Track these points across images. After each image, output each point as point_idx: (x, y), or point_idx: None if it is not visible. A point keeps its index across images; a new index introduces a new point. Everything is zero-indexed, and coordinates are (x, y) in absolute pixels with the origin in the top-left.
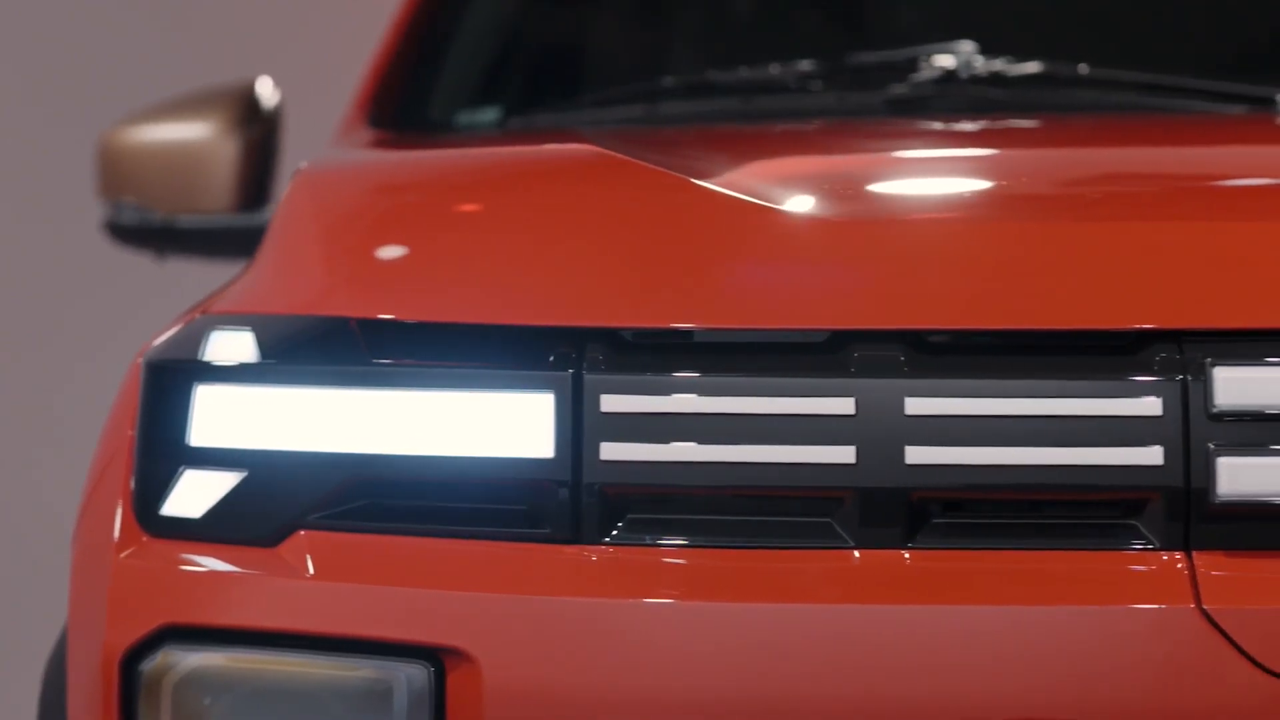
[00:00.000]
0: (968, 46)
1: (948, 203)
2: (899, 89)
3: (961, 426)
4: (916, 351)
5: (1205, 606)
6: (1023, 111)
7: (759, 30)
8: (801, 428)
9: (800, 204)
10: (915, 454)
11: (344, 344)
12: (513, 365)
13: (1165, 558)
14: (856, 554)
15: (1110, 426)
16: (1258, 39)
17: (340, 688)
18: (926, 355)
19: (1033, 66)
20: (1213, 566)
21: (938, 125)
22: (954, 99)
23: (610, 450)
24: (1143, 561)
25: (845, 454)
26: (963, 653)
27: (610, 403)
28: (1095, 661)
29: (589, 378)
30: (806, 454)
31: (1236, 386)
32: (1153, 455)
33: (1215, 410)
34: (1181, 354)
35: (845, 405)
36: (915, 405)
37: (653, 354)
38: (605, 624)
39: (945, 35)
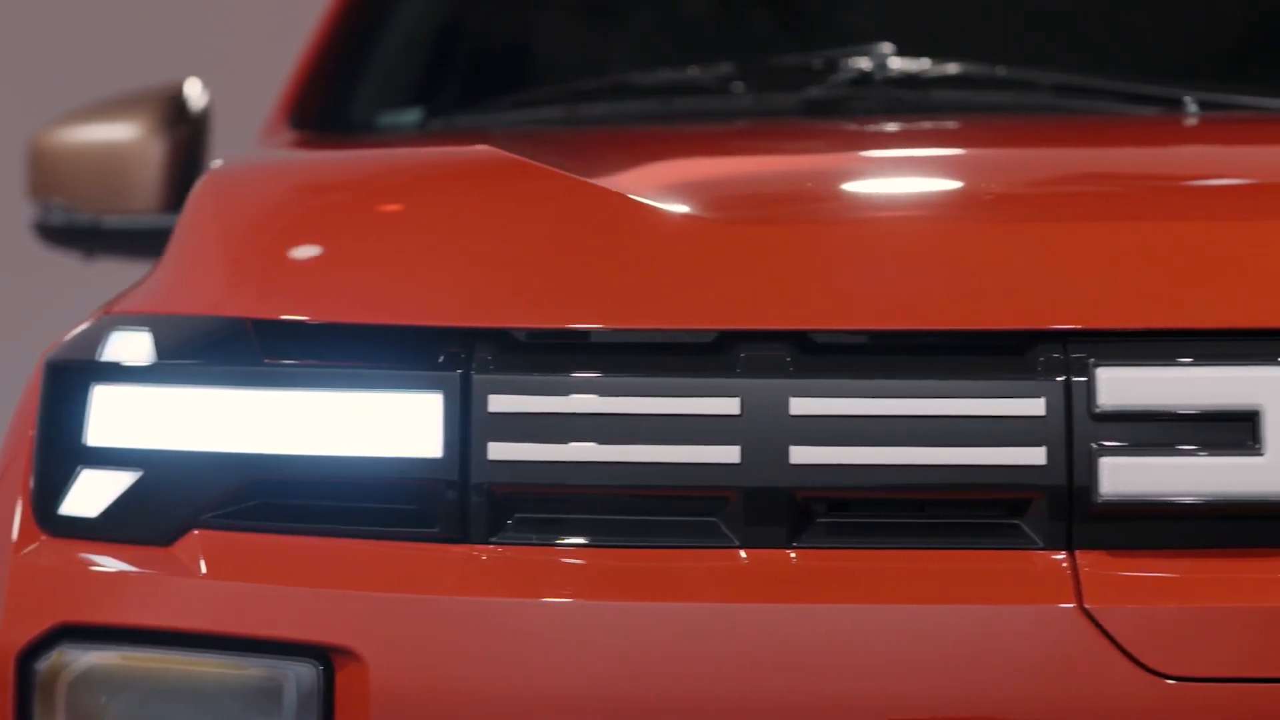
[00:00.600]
0: (886, 48)
1: (837, 204)
2: (815, 91)
3: (846, 426)
4: (802, 352)
5: (1087, 606)
6: (934, 113)
7: (688, 32)
8: (687, 428)
9: (691, 206)
10: (799, 454)
11: (239, 345)
12: (403, 366)
13: (1048, 557)
14: (742, 553)
15: (994, 427)
16: (1175, 41)
17: (232, 686)
18: (812, 356)
19: (947, 68)
20: (1095, 566)
21: (843, 127)
22: (869, 100)
23: (498, 450)
24: (1026, 561)
25: (730, 454)
26: (847, 652)
27: (498, 403)
28: (977, 661)
29: (477, 378)
30: (692, 454)
31: (1120, 387)
32: (1036, 455)
33: (1098, 410)
34: (1066, 354)
35: (730, 405)
36: (800, 405)
37: (542, 354)
38: (491, 623)
39: (876, 37)
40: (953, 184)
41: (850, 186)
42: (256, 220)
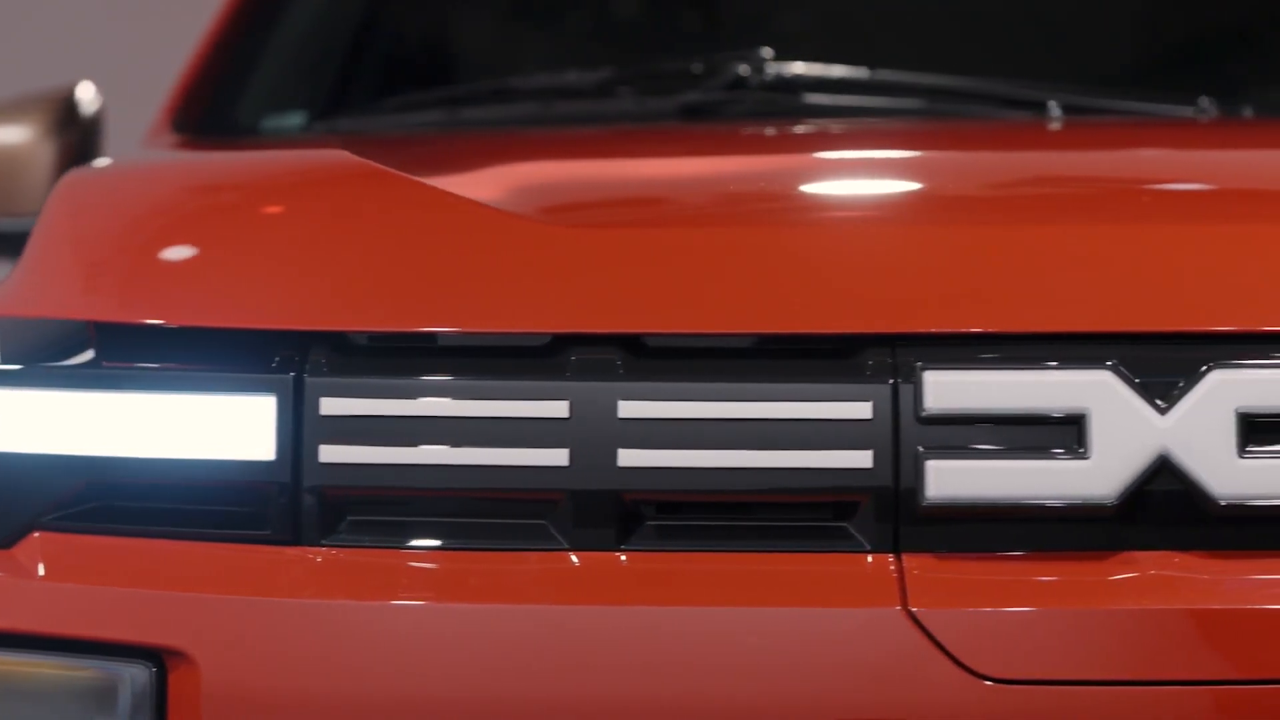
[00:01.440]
0: (766, 53)
1: (676, 208)
2: (692, 95)
3: (674, 430)
4: (634, 355)
5: (911, 608)
6: (807, 117)
7: (577, 36)
8: (516, 430)
9: (532, 209)
10: (627, 457)
11: (80, 347)
12: (239, 368)
13: (874, 560)
14: (572, 556)
15: (821, 430)
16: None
17: (69, 688)
18: (643, 359)
19: (822, 71)
20: (920, 568)
21: (704, 131)
22: (745, 105)
23: (329, 453)
24: (852, 564)
25: (559, 456)
26: (675, 654)
27: (330, 405)
28: (802, 663)
29: (310, 381)
30: (521, 456)
31: (946, 390)
32: (862, 459)
33: (925, 414)
34: (894, 358)
35: (559, 409)
36: (628, 408)
37: (375, 358)
38: (322, 624)
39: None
40: (792, 188)
41: (692, 191)
42: (101, 224)
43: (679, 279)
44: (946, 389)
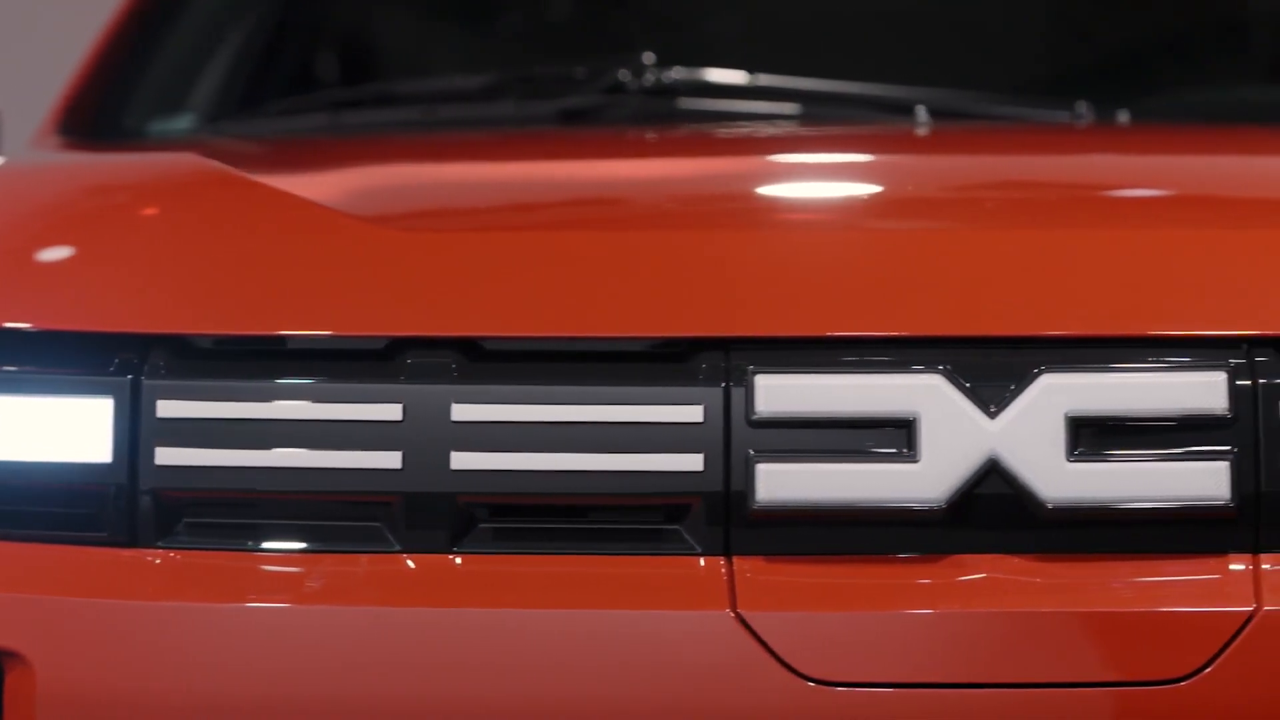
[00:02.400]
0: (647, 58)
1: (520, 212)
2: (570, 100)
3: (508, 433)
4: (470, 359)
5: (741, 611)
6: (684, 121)
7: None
8: (351, 433)
9: (377, 214)
10: (461, 459)
11: None
12: (79, 371)
13: (705, 563)
14: (405, 558)
15: (654, 433)
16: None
17: None
18: (479, 363)
19: (701, 76)
20: (751, 571)
21: (572, 136)
22: (624, 110)
23: (165, 455)
24: (684, 567)
25: (392, 459)
26: (507, 655)
27: (166, 408)
28: (633, 665)
29: (147, 383)
30: (355, 459)
31: (778, 394)
32: (694, 462)
33: (756, 417)
34: (728, 362)
35: (393, 411)
36: (461, 412)
37: (213, 360)
38: (157, 626)
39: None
40: (638, 193)
41: (539, 195)
42: None
43: (515, 283)
44: (777, 392)
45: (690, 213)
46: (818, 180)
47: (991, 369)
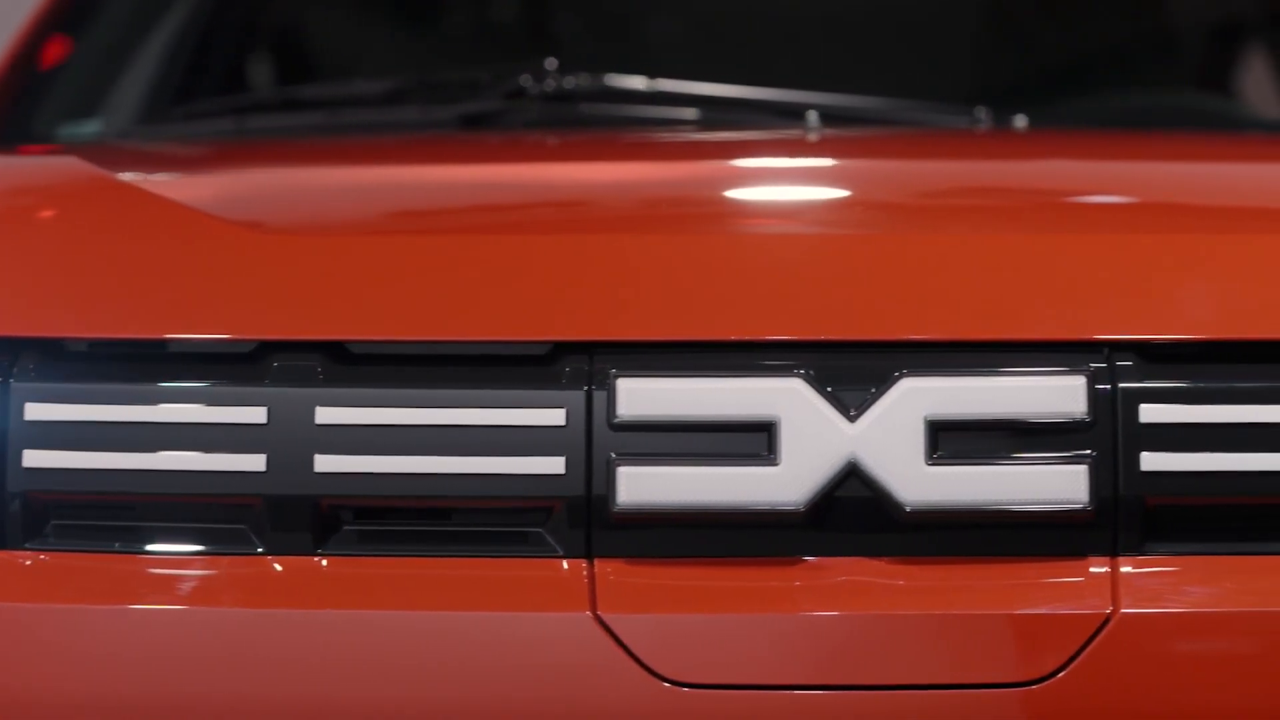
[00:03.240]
0: (550, 64)
1: (391, 216)
2: (470, 105)
3: (372, 436)
4: (336, 363)
5: (601, 613)
6: (584, 126)
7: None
8: (217, 436)
9: (246, 217)
10: (324, 462)
11: None
12: None
13: (567, 565)
14: (270, 560)
15: (517, 436)
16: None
17: None
18: (345, 366)
19: (605, 82)
20: (612, 574)
21: (464, 141)
22: (523, 114)
23: (34, 458)
24: (546, 569)
25: (256, 462)
26: (370, 657)
27: (35, 411)
28: (494, 667)
29: (15, 385)
30: (220, 462)
31: (639, 397)
32: (556, 465)
33: (617, 421)
34: (590, 366)
35: (258, 414)
36: (326, 415)
37: (82, 363)
38: (26, 627)
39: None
40: (510, 198)
41: (413, 200)
42: None
43: (383, 287)
44: (639, 396)
45: (560, 218)
46: (691, 186)
47: (852, 373)
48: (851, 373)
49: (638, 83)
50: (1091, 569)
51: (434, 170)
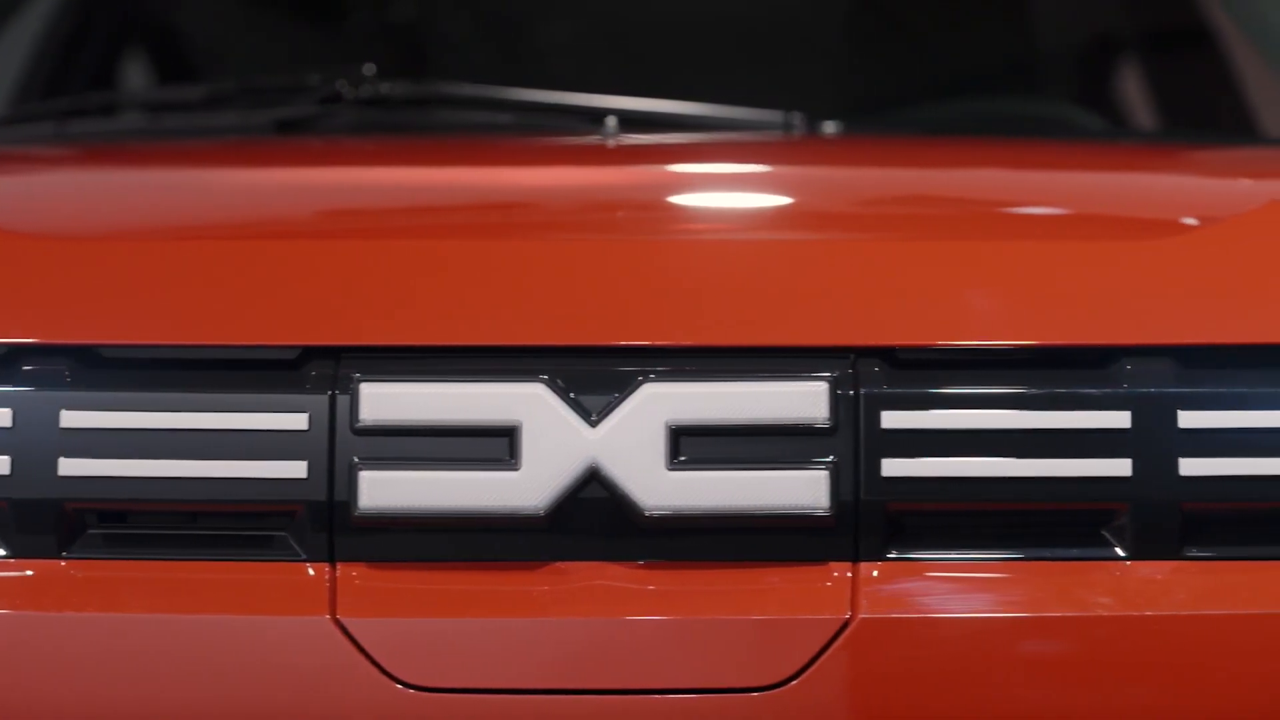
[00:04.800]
0: (368, 69)
1: (155, 220)
2: (284, 110)
3: (117, 439)
4: (85, 366)
5: (340, 617)
6: (399, 132)
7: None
8: None
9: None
10: (68, 466)
11: None
12: None
13: (311, 569)
14: (15, 563)
15: (261, 441)
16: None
17: None
18: (93, 370)
19: (419, 88)
20: (353, 578)
21: (268, 146)
22: (339, 120)
23: None
24: (288, 572)
25: (1, 465)
26: (113, 660)
27: None
28: (234, 671)
29: None
30: None
31: (381, 402)
32: (298, 469)
33: (360, 425)
34: (336, 370)
35: (3, 418)
36: (71, 418)
37: None
38: None
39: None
40: (278, 202)
41: (183, 204)
42: None
43: (133, 291)
44: (382, 401)
45: (316, 224)
46: (458, 192)
47: (594, 378)
48: (594, 378)
49: (454, 89)
50: (832, 574)
51: (203, 175)
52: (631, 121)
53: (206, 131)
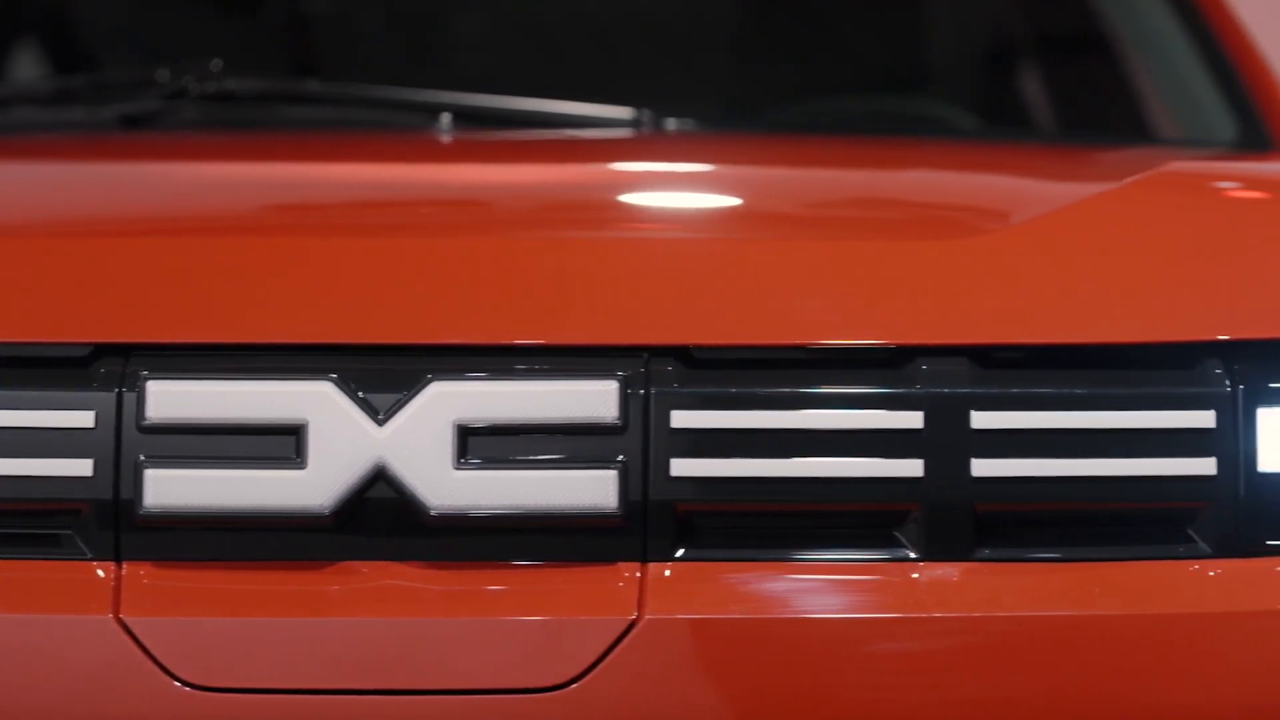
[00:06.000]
0: (215, 65)
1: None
2: (129, 105)
3: None
4: None
5: (123, 616)
6: (243, 128)
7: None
8: None
9: None
10: None
11: None
12: None
13: (96, 568)
14: None
15: (49, 439)
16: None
17: None
18: None
19: (264, 84)
20: (138, 577)
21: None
22: (183, 115)
23: None
24: (74, 571)
25: None
26: None
27: None
28: (18, 670)
29: None
30: None
31: (168, 400)
32: (84, 467)
33: (146, 423)
34: (124, 368)
35: None
36: None
37: None
38: None
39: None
40: (79, 199)
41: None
42: None
43: None
44: (168, 399)
45: (111, 219)
46: (261, 190)
47: (383, 377)
48: (383, 376)
49: (298, 85)
50: (621, 574)
51: (10, 170)
52: (478, 118)
53: (51, 127)
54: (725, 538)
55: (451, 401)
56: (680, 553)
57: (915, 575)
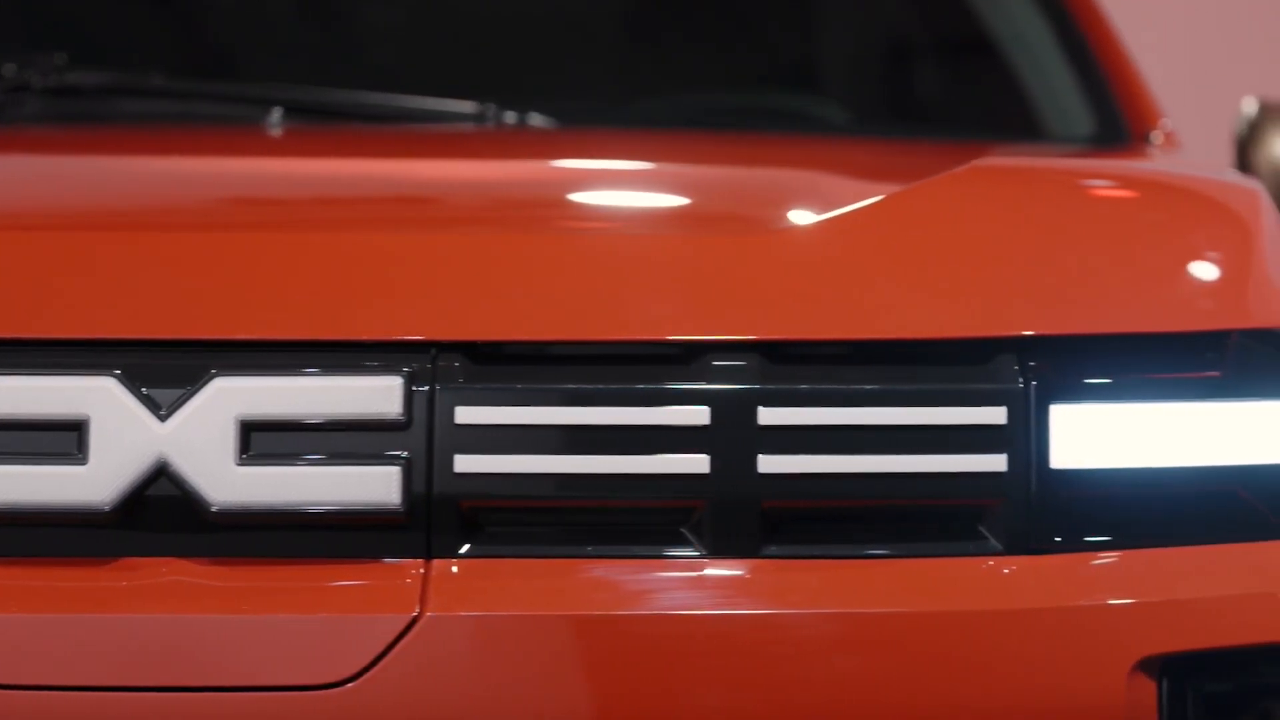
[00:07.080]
0: (59, 59)
1: None
2: None
3: None
4: None
5: None
6: (86, 122)
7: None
8: None
9: None
10: None
11: None
12: None
13: None
14: None
15: None
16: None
17: None
18: None
19: (106, 78)
20: None
21: None
22: (24, 109)
23: None
24: None
25: None
26: None
27: None
28: None
29: None
30: None
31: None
32: None
33: None
34: None
35: None
36: None
37: None
38: None
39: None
40: None
41: None
42: None
43: None
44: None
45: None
46: (62, 184)
47: (166, 372)
48: (166, 372)
49: (138, 79)
50: (403, 571)
51: None
52: (320, 112)
53: None
54: (511, 535)
55: (234, 397)
56: (465, 549)
57: (701, 572)
